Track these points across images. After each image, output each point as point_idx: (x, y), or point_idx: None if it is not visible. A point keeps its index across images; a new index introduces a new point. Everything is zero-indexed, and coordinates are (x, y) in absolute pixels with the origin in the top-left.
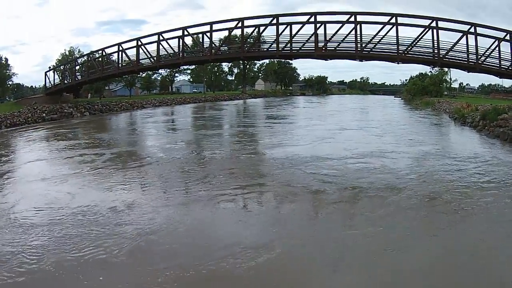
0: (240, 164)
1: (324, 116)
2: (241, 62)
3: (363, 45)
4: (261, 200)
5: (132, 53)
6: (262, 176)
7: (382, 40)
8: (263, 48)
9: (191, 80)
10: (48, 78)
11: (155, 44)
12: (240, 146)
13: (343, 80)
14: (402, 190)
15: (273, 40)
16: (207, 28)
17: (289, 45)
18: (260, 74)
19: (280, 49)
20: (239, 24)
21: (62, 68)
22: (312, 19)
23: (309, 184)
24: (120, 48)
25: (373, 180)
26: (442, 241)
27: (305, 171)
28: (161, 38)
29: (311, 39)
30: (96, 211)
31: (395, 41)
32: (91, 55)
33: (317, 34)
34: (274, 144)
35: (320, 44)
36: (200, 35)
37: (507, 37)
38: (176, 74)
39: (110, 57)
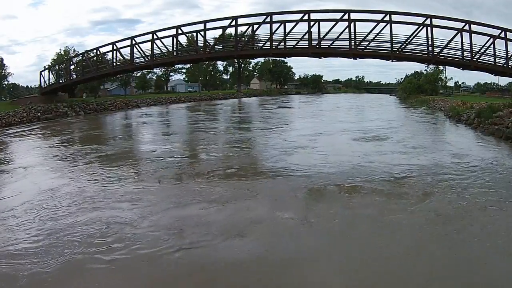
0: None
1: (314, 116)
2: (236, 60)
3: (357, 43)
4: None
5: (126, 52)
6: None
7: (376, 38)
8: (257, 47)
9: (186, 79)
10: (43, 78)
11: (150, 43)
12: (192, 162)
13: (338, 79)
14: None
15: (267, 38)
16: (201, 26)
17: (283, 43)
18: (255, 73)
19: (274, 47)
20: (233, 23)
21: (57, 67)
22: (306, 17)
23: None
24: (115, 47)
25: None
26: None
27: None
28: (155, 37)
29: (305, 37)
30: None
31: (389, 39)
32: (85, 55)
33: (311, 32)
34: (242, 154)
35: (314, 42)
36: (194, 34)
37: (502, 35)
38: (171, 73)
39: (105, 56)
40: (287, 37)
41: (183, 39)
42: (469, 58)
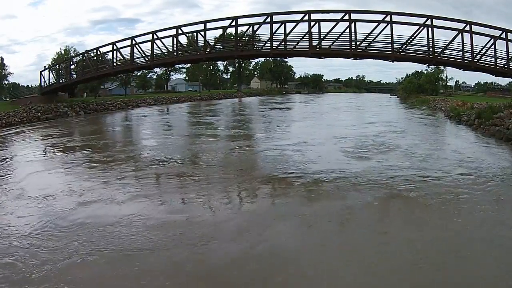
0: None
1: (310, 119)
2: (236, 60)
3: (358, 44)
4: None
5: (126, 52)
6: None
7: (376, 38)
8: (257, 47)
9: (186, 78)
10: (43, 78)
11: (150, 43)
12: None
13: (339, 78)
14: None
15: (267, 38)
16: (201, 26)
17: (283, 43)
18: (255, 73)
19: (274, 47)
20: (233, 23)
21: (57, 67)
22: (306, 18)
23: None
24: (115, 47)
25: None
26: None
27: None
28: (155, 37)
29: (305, 37)
30: None
31: (390, 39)
32: (85, 54)
33: (311, 32)
34: (214, 168)
35: (314, 43)
36: (195, 34)
37: (503, 36)
38: (172, 73)
39: (105, 56)
40: (287, 38)
41: (183, 39)
42: (470, 59)
